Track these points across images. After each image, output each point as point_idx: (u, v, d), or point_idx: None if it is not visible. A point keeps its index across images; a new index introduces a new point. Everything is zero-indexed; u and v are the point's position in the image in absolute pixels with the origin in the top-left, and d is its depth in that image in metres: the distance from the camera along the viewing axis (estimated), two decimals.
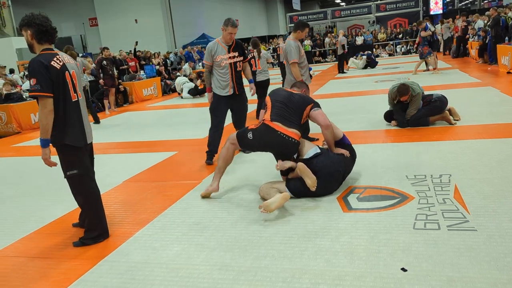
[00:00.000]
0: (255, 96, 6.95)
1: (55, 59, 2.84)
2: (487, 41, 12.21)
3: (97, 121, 8.97)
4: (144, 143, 6.55)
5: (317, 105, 3.72)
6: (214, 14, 27.95)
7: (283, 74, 8.13)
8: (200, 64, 17.57)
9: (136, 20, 22.81)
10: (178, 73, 15.03)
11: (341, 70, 15.04)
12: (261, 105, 7.66)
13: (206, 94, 12.86)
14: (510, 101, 6.65)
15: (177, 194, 3.89)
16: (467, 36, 15.07)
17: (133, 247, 2.92)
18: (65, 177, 2.99)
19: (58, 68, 2.83)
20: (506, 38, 10.94)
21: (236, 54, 4.76)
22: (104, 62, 10.05)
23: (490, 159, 4.01)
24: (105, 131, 8.14)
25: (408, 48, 21.45)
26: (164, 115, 9.62)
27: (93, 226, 3.06)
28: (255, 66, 7.42)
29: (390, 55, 21.46)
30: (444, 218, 2.87)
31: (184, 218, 3.33)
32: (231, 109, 4.96)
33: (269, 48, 21.74)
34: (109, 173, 4.86)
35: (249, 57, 6.63)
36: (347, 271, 2.35)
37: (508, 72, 9.78)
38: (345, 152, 3.72)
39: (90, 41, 24.03)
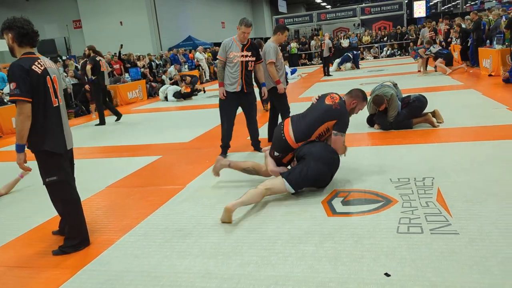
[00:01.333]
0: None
1: (36, 63, 2.79)
2: (468, 44, 12.40)
3: (102, 122, 8.95)
4: (128, 147, 6.47)
5: (340, 129, 3.70)
6: (200, 16, 27.84)
7: None
8: (186, 66, 17.45)
9: (121, 22, 22.56)
10: (163, 76, 14.92)
11: (326, 72, 15.13)
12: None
13: (197, 92, 12.37)
14: (491, 103, 6.75)
15: (161, 200, 3.84)
16: (450, 39, 15.30)
17: (114, 255, 2.86)
18: (44, 184, 2.93)
19: (39, 72, 2.78)
20: (488, 41, 11.13)
21: (249, 54, 4.93)
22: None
23: (472, 161, 4.05)
24: (89, 134, 8.02)
25: (392, 51, 21.68)
26: (149, 118, 9.52)
27: (73, 234, 3.00)
28: None
29: (375, 57, 21.66)
30: (427, 221, 2.88)
31: (167, 225, 3.28)
32: (241, 107, 5.10)
33: None
34: (92, 178, 4.78)
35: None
36: (331, 277, 2.34)
37: (490, 75, 9.94)
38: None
39: (74, 43, 23.64)
